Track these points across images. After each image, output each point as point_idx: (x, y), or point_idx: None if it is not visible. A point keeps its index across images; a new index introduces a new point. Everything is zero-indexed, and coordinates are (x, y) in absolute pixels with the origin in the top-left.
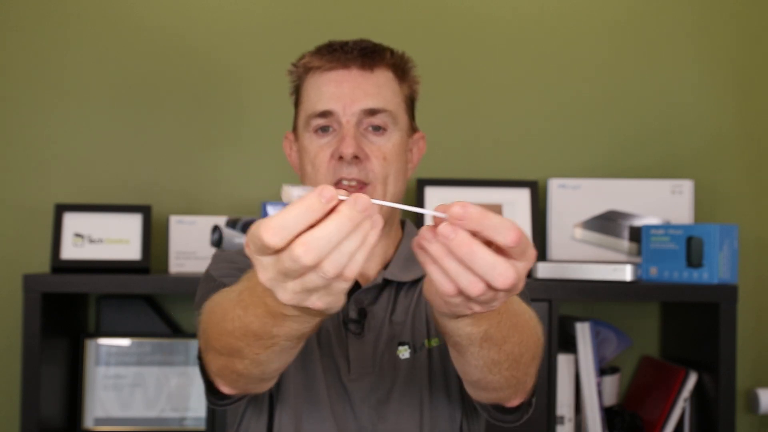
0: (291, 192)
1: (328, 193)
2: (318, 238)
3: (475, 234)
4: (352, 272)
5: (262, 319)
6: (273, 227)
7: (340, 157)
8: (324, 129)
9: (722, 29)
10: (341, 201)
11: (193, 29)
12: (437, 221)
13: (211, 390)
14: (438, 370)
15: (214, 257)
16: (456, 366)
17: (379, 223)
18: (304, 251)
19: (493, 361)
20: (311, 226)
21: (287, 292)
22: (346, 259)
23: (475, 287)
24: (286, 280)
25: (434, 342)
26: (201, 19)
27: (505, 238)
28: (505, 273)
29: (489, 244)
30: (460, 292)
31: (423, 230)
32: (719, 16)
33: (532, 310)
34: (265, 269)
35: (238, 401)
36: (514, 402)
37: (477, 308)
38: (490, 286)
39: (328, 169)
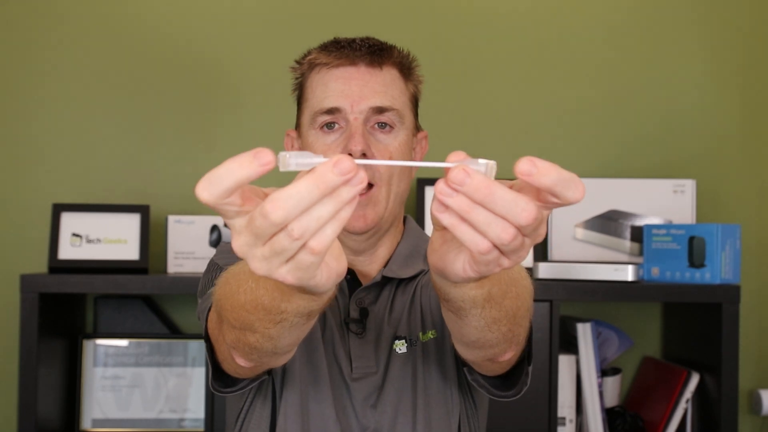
0: (288, 160)
1: (344, 164)
2: (288, 196)
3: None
4: (319, 244)
5: (272, 293)
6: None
7: (348, 155)
8: (330, 126)
9: (725, 29)
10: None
11: (191, 29)
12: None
13: (217, 376)
14: (434, 364)
15: (219, 248)
16: (452, 329)
17: (357, 187)
18: (272, 207)
19: (493, 319)
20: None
21: (257, 259)
22: (314, 224)
23: (507, 233)
24: (256, 243)
25: (430, 334)
26: (199, 18)
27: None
28: (527, 207)
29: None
30: (494, 246)
31: (439, 185)
32: (722, 15)
33: (526, 274)
34: (239, 233)
35: (243, 388)
36: (507, 356)
37: (507, 263)
38: (517, 228)
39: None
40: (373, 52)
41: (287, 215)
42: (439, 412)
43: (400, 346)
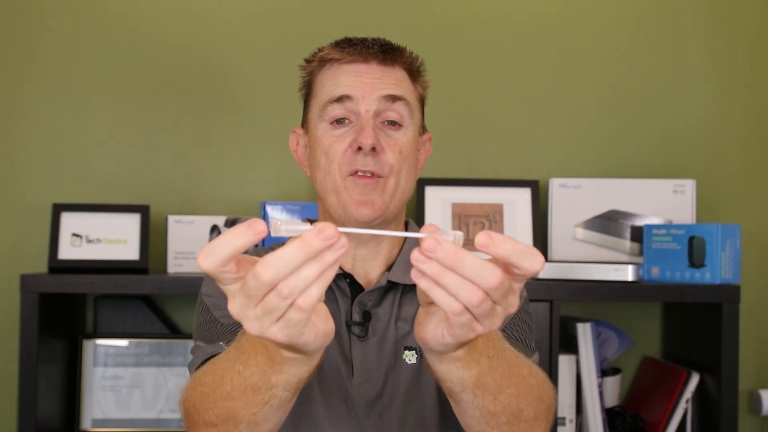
0: (279, 226)
1: (328, 231)
2: (277, 259)
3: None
4: (306, 301)
5: (262, 368)
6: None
7: (359, 148)
8: (340, 121)
9: (726, 29)
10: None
11: (192, 28)
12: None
13: None
14: None
15: (206, 279)
16: (458, 418)
17: (340, 251)
18: (263, 269)
19: (489, 412)
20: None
21: (250, 319)
22: (301, 283)
23: (476, 295)
24: (249, 304)
25: None
26: (199, 18)
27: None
28: (493, 272)
29: None
30: (466, 308)
31: (414, 253)
32: (724, 16)
33: (540, 371)
34: (233, 297)
35: None
36: None
37: (479, 328)
38: (485, 292)
39: (343, 159)
40: (385, 51)
41: (276, 275)
42: (450, 428)
43: (410, 357)
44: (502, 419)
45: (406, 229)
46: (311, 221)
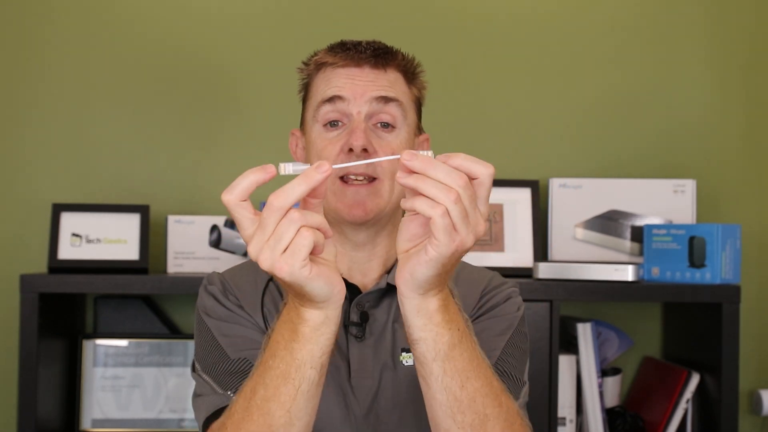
0: (286, 167)
1: (324, 166)
2: (284, 189)
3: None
4: (309, 223)
5: (290, 346)
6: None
7: (350, 150)
8: (333, 123)
9: (726, 29)
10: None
11: (192, 28)
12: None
13: None
14: None
15: (203, 292)
16: (428, 411)
17: (326, 173)
18: (274, 197)
19: (456, 399)
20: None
21: (265, 253)
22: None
23: (451, 192)
24: (264, 236)
25: None
26: (199, 17)
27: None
28: (459, 173)
29: None
30: (446, 212)
31: (398, 173)
32: (724, 16)
33: (514, 403)
34: (251, 237)
35: None
36: None
37: (457, 238)
38: (458, 195)
39: (336, 162)
40: (378, 55)
41: (285, 200)
42: None
43: (408, 359)
44: (468, 417)
45: None
46: None
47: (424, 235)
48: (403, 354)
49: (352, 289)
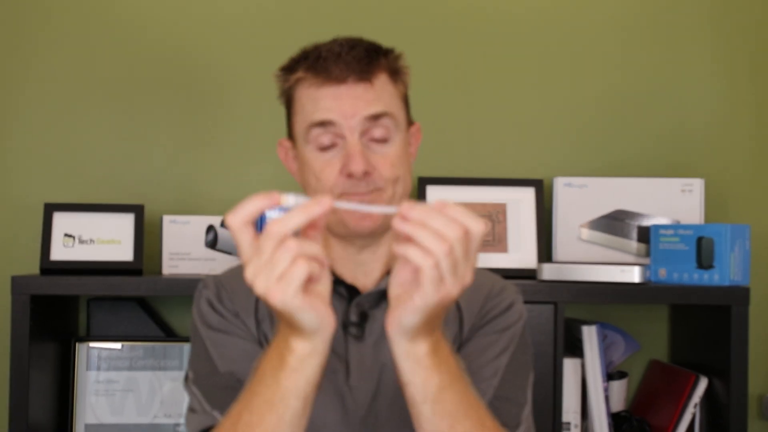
0: (289, 199)
1: (324, 200)
2: (283, 218)
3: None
4: (305, 253)
5: (276, 375)
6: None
7: (349, 175)
8: (326, 147)
9: (736, 27)
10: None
11: (186, 27)
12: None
13: None
14: None
15: (196, 299)
16: None
17: (325, 206)
18: (271, 224)
19: None
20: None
21: (260, 279)
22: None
23: (444, 244)
24: (260, 262)
25: None
26: (195, 18)
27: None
28: (455, 227)
29: None
30: (436, 264)
31: (395, 219)
32: (733, 14)
33: None
34: (249, 261)
35: None
36: None
37: (443, 289)
38: (450, 247)
39: (336, 184)
40: (362, 68)
41: (283, 228)
42: None
43: None
44: None
45: None
46: None
47: (413, 282)
48: None
49: (352, 290)
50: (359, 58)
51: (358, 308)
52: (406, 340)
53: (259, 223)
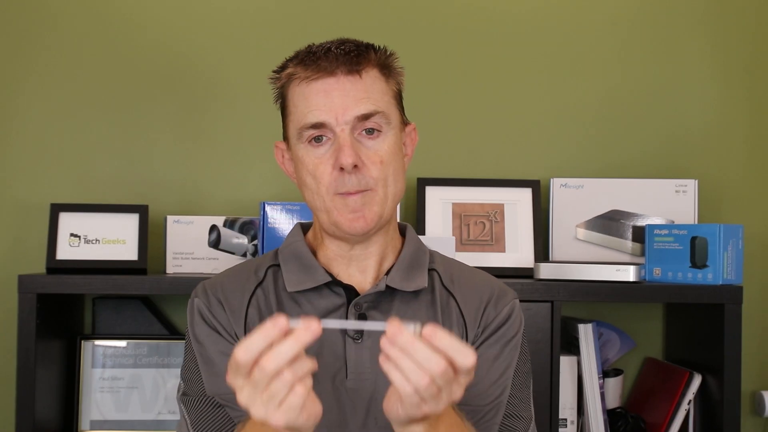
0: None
1: (280, 323)
2: (277, 353)
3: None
4: (303, 385)
5: None
6: (242, 347)
7: (341, 168)
8: (318, 138)
9: (729, 28)
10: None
11: (190, 29)
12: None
13: None
14: None
15: (188, 308)
16: None
17: (315, 333)
18: (266, 360)
19: None
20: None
21: (257, 406)
22: (299, 370)
23: (423, 379)
24: (256, 392)
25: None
26: (198, 18)
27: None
28: (439, 361)
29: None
30: (415, 391)
31: (382, 341)
32: (727, 15)
33: None
34: (241, 389)
35: None
36: None
37: (425, 408)
38: (431, 378)
39: (330, 181)
40: (351, 60)
41: (278, 364)
42: None
43: None
44: None
45: (404, 234)
46: (303, 225)
47: None
48: None
49: (349, 291)
50: (348, 51)
51: (356, 309)
52: (401, 427)
53: (262, 223)
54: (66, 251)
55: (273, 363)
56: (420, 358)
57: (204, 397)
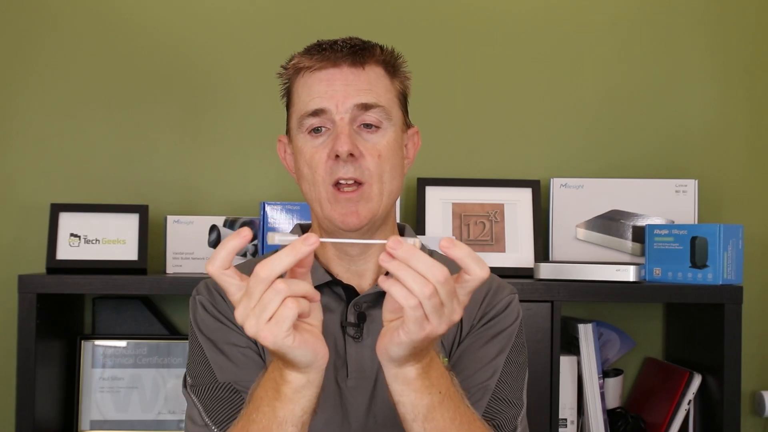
0: (275, 237)
1: (311, 239)
2: (271, 261)
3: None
4: (294, 297)
5: (272, 404)
6: (265, 264)
7: (336, 156)
8: (317, 130)
9: (729, 28)
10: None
11: (190, 28)
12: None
13: None
14: None
15: (191, 304)
16: None
17: (313, 245)
18: (260, 268)
19: None
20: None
21: (250, 320)
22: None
23: (426, 287)
24: (250, 304)
25: (443, 359)
26: (198, 17)
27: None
28: (441, 269)
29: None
30: (419, 304)
31: (381, 255)
32: (727, 15)
33: None
34: (239, 303)
35: None
36: None
37: (428, 327)
38: (434, 288)
39: (325, 169)
40: (355, 52)
41: (271, 272)
42: None
43: None
44: None
45: (403, 234)
46: (302, 226)
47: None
48: None
49: (349, 290)
50: (354, 45)
51: (356, 309)
52: (395, 366)
53: (261, 234)
54: (66, 251)
55: (266, 270)
56: (422, 268)
57: (215, 383)
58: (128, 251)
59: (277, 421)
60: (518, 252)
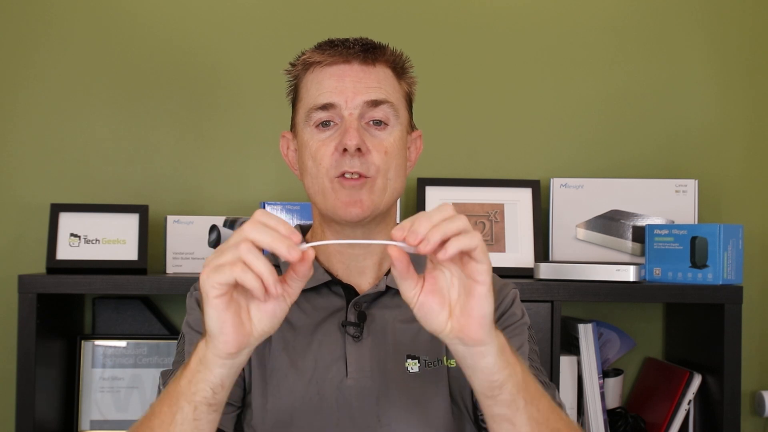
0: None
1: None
2: (261, 227)
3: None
4: (248, 258)
5: (182, 372)
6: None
7: (344, 150)
8: (325, 124)
9: (729, 28)
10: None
11: (191, 28)
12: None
13: None
14: (455, 390)
15: (187, 300)
16: None
17: (295, 237)
18: (248, 226)
19: (537, 422)
20: None
21: (208, 260)
22: (262, 238)
23: (460, 219)
24: (212, 259)
25: (453, 363)
26: (198, 18)
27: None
28: (444, 206)
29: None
30: (447, 228)
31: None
32: (727, 15)
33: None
34: (208, 261)
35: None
36: None
37: (469, 236)
38: (451, 215)
39: (330, 162)
40: (366, 50)
41: (250, 234)
42: None
43: (413, 366)
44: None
45: None
46: (302, 227)
47: (446, 296)
48: (409, 361)
49: (349, 290)
50: (365, 44)
51: (356, 308)
52: (494, 335)
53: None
54: (66, 251)
55: (248, 232)
56: (439, 216)
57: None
58: (128, 251)
59: (177, 391)
60: (518, 252)
